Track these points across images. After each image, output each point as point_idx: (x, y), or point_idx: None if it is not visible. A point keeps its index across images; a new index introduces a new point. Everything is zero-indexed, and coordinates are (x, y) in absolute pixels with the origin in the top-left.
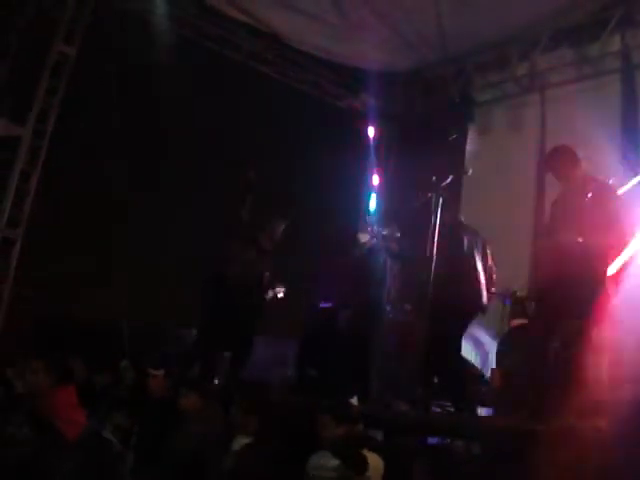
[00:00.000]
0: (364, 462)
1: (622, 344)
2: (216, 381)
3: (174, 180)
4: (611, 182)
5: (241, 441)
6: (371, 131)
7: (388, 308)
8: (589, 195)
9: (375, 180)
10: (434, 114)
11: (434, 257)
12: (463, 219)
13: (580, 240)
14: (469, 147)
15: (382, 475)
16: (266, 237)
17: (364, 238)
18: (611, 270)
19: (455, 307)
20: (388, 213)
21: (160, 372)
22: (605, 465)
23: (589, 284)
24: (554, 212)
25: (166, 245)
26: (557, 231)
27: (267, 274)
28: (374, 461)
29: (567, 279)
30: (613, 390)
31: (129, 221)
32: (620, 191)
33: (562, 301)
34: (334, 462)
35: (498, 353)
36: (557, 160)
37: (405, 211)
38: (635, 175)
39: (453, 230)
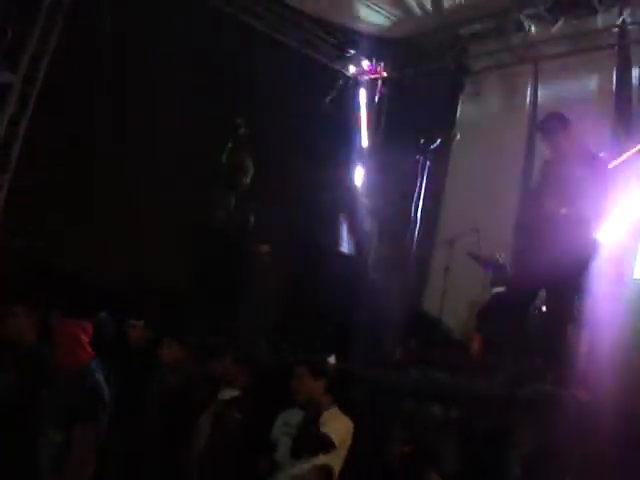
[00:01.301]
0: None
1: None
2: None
3: (160, 130)
4: (602, 155)
5: (230, 393)
6: (362, 94)
7: (374, 275)
8: (577, 164)
9: (364, 142)
10: (426, 80)
11: (418, 221)
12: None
13: (563, 212)
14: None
15: (350, 437)
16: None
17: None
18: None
19: None
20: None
21: (140, 323)
22: (581, 434)
23: (571, 255)
24: (541, 179)
25: (152, 195)
26: (542, 199)
27: (251, 218)
28: (344, 424)
29: (549, 249)
30: (592, 360)
31: (114, 171)
32: (610, 165)
33: (543, 270)
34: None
35: (478, 319)
36: (548, 126)
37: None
38: (626, 150)
39: None
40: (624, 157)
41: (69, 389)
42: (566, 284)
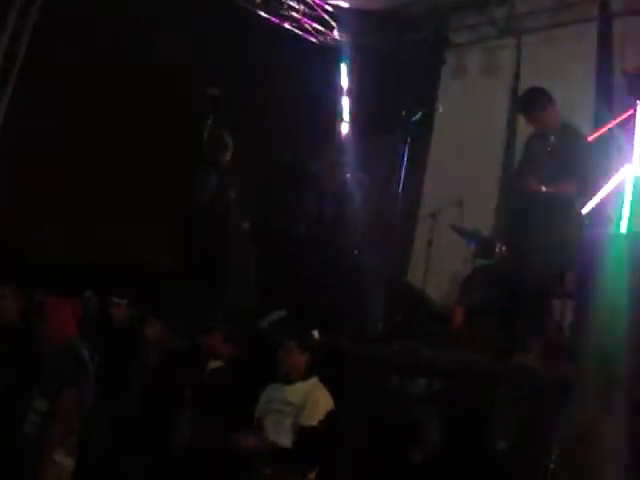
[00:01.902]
0: None
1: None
2: None
3: (141, 110)
4: (582, 129)
5: (214, 365)
6: (344, 67)
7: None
8: (558, 140)
9: (346, 115)
10: (408, 52)
11: (400, 195)
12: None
13: (544, 189)
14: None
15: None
16: (223, 152)
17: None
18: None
19: None
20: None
21: (123, 301)
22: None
23: (554, 232)
24: (525, 154)
25: (135, 175)
26: (524, 176)
27: (232, 195)
28: (321, 397)
29: (532, 227)
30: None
31: (96, 151)
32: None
33: (528, 248)
34: (285, 395)
35: (461, 292)
36: (531, 100)
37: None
38: (607, 123)
39: None
40: (603, 130)
41: (55, 362)
42: (549, 261)
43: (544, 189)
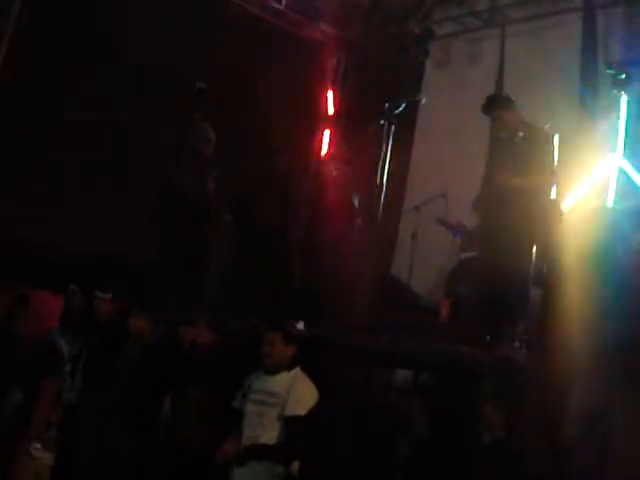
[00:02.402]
0: None
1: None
2: None
3: (121, 103)
4: (547, 127)
5: None
6: (330, 61)
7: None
8: (523, 139)
9: (331, 109)
10: (392, 45)
11: (384, 186)
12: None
13: (514, 182)
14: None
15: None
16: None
17: None
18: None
19: None
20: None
21: (107, 295)
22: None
23: (526, 223)
24: (490, 157)
25: (119, 166)
26: (494, 172)
27: (212, 186)
28: (305, 386)
29: (505, 219)
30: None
31: (78, 143)
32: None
33: (503, 239)
34: (269, 386)
35: (448, 284)
36: (492, 104)
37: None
38: (592, 114)
39: None
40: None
41: (31, 353)
42: (524, 250)
43: (514, 182)
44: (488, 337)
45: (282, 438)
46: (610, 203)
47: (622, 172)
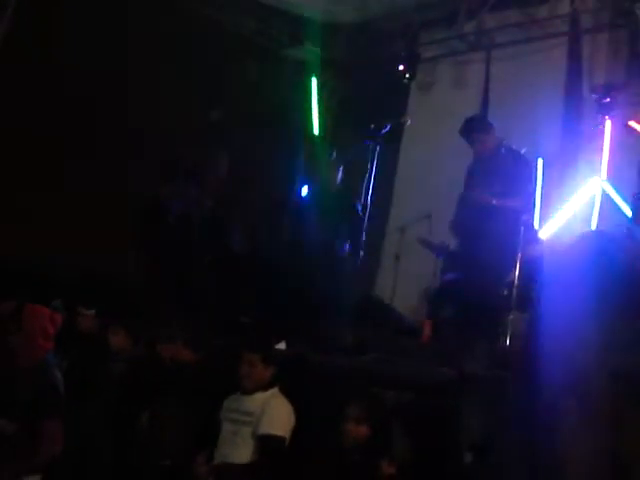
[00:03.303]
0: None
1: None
2: None
3: (110, 120)
4: (523, 151)
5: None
6: (313, 81)
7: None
8: (502, 162)
9: (316, 130)
10: (378, 67)
11: (368, 207)
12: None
13: (495, 202)
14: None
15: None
16: (211, 174)
17: None
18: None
19: None
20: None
21: (91, 312)
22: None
23: (504, 241)
24: (469, 177)
25: (103, 183)
26: (474, 193)
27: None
28: (281, 407)
29: (484, 237)
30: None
31: (63, 156)
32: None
33: (481, 258)
34: (243, 405)
35: (430, 305)
36: (470, 127)
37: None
38: (575, 138)
39: None
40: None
41: (27, 383)
42: (501, 269)
43: (494, 202)
44: (464, 357)
45: (255, 457)
46: (594, 227)
47: (606, 196)
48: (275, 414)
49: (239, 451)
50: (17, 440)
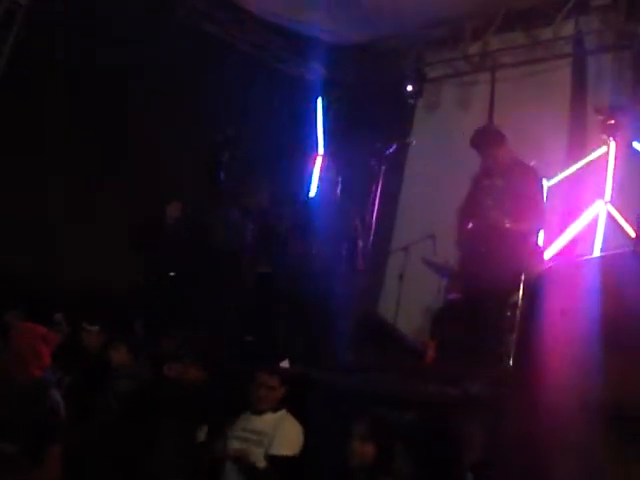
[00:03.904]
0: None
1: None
2: None
3: (118, 144)
4: (532, 164)
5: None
6: (319, 100)
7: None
8: (514, 177)
9: (321, 149)
10: (384, 86)
11: (373, 225)
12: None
13: (508, 225)
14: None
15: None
16: (251, 201)
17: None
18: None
19: None
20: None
21: (95, 328)
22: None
23: (514, 264)
24: (476, 190)
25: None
26: (485, 211)
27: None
28: (291, 428)
29: (494, 260)
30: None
31: (69, 173)
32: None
33: (489, 280)
34: (255, 425)
35: (433, 326)
36: (482, 139)
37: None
38: (580, 159)
39: None
40: (568, 172)
41: (25, 405)
42: (507, 293)
43: (508, 225)
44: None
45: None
46: (598, 247)
47: (610, 217)
48: (287, 435)
49: (247, 469)
50: (17, 461)
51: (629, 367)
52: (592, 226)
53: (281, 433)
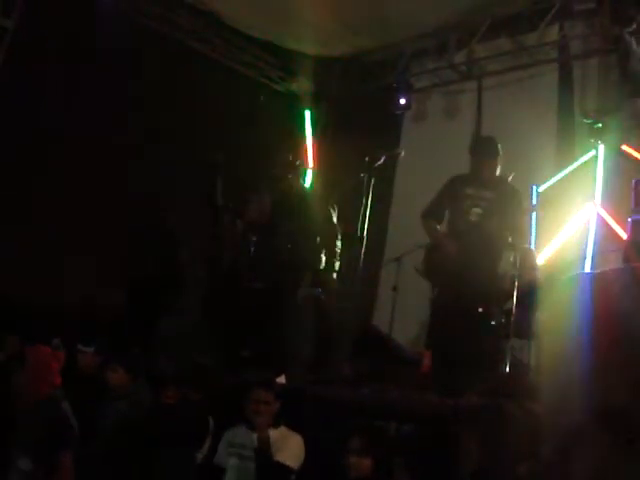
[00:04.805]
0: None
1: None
2: None
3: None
4: (510, 179)
5: None
6: (307, 115)
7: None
8: (502, 193)
9: (310, 163)
10: (370, 99)
11: (364, 237)
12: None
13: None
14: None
15: (303, 453)
16: (255, 210)
17: None
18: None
19: None
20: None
21: (90, 349)
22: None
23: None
24: (458, 197)
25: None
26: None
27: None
28: (295, 442)
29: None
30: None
31: (67, 192)
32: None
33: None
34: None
35: (428, 335)
36: (486, 148)
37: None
38: (568, 165)
39: None
40: (557, 177)
41: (38, 418)
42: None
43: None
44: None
45: None
46: (589, 252)
47: (601, 220)
48: (289, 448)
49: None
50: (34, 477)
51: None
52: (583, 230)
53: (283, 446)
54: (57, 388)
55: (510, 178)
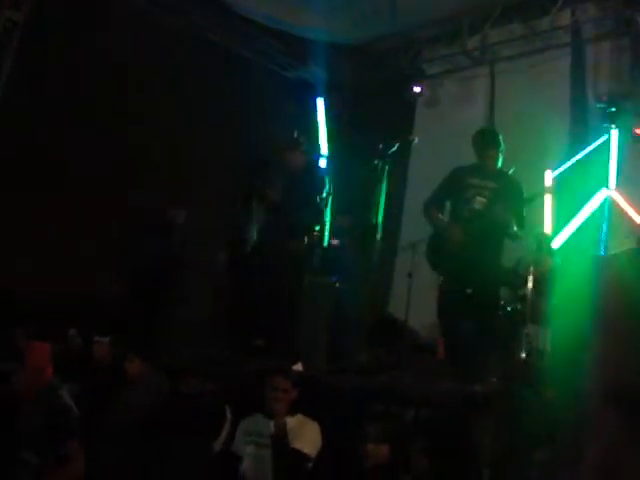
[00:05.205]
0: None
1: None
2: None
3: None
4: (511, 172)
5: None
6: (320, 102)
7: (334, 278)
8: (504, 184)
9: (323, 150)
10: (383, 86)
11: (379, 224)
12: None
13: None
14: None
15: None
16: (276, 193)
17: None
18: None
19: None
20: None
21: (105, 339)
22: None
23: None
24: (462, 187)
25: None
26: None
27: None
28: (312, 430)
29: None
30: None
31: (74, 186)
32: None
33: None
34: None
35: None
36: (493, 138)
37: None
38: (582, 149)
39: None
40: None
41: (40, 411)
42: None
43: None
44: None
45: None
46: (603, 236)
47: (614, 205)
48: (306, 435)
49: (264, 474)
50: (41, 469)
51: None
52: (598, 214)
53: (302, 433)
54: (53, 380)
55: (511, 171)
